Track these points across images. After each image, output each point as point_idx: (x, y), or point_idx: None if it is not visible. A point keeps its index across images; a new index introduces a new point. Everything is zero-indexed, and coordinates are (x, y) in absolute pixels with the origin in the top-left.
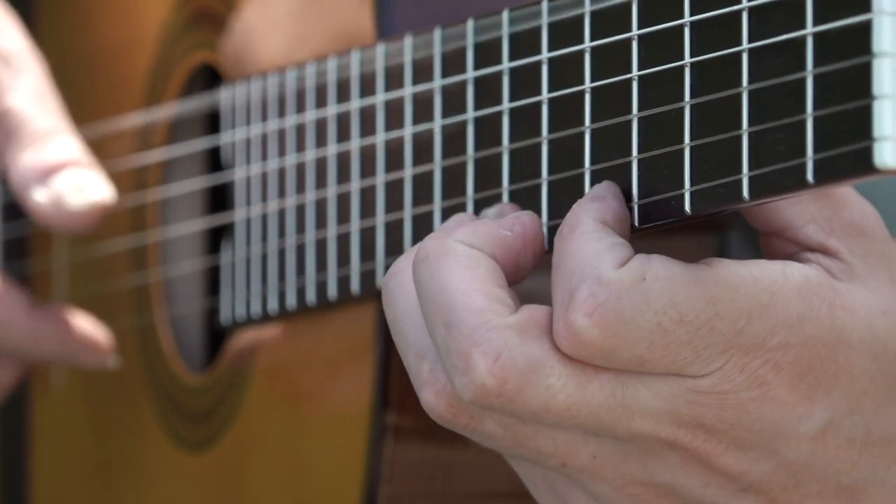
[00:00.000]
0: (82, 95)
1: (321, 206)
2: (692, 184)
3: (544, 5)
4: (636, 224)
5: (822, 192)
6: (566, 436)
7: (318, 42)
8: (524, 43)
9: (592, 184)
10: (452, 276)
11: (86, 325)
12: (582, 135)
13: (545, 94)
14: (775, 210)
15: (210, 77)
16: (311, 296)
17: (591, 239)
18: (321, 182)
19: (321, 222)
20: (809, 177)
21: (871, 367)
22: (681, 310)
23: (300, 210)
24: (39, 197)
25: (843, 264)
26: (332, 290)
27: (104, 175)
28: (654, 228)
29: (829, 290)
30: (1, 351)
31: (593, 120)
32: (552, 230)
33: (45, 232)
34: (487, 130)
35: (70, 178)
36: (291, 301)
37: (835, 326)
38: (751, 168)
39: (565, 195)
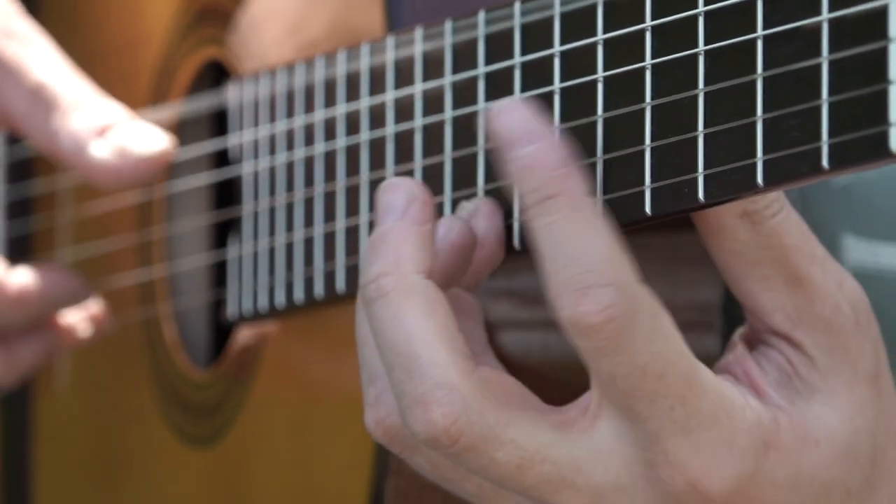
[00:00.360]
0: None
1: (329, 198)
2: (706, 168)
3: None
4: (648, 212)
5: (797, 281)
6: (493, 488)
7: (326, 33)
8: (536, 35)
9: (605, 173)
10: (415, 325)
11: (70, 280)
12: (594, 124)
13: (557, 84)
14: (749, 292)
15: (217, 73)
16: (318, 288)
17: (612, 237)
18: (330, 175)
19: (329, 215)
20: (825, 162)
21: (797, 502)
22: (666, 368)
23: (308, 203)
24: (102, 152)
25: (806, 357)
26: (341, 283)
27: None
28: (666, 217)
29: (771, 433)
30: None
31: (606, 110)
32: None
33: (48, 228)
34: None
35: (126, 130)
36: (299, 294)
37: (764, 467)
38: (765, 153)
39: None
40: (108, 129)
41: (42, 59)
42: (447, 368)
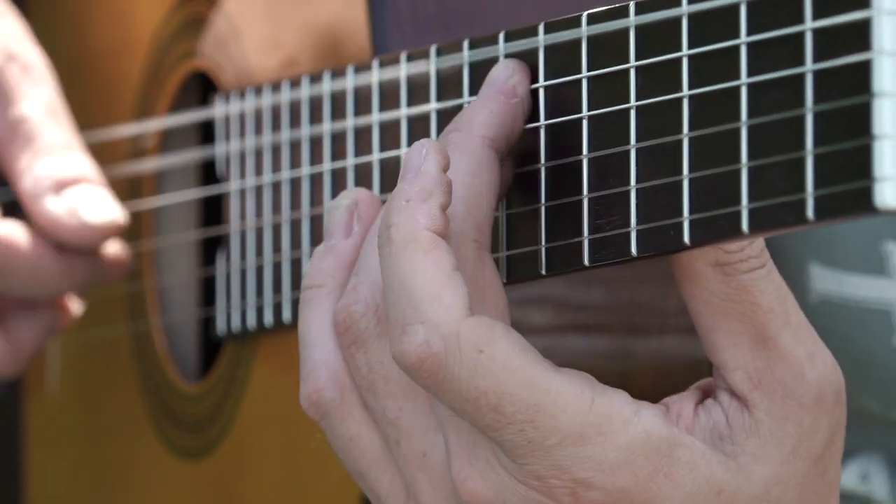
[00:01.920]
0: (74, 100)
1: (317, 219)
2: (691, 213)
3: (541, 30)
4: (634, 252)
5: (763, 342)
6: (416, 417)
7: (307, 44)
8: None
9: (590, 211)
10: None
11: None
12: (580, 162)
13: (543, 121)
14: (715, 345)
15: (203, 83)
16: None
17: (429, 263)
18: (317, 197)
19: (317, 236)
20: (810, 213)
21: None
22: (500, 400)
23: (295, 223)
24: (55, 207)
25: (753, 421)
26: None
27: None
28: (651, 258)
29: (664, 456)
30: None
31: (590, 146)
32: (549, 252)
33: None
34: None
35: (85, 193)
36: (287, 315)
37: (649, 489)
38: (751, 201)
39: (564, 219)
40: (69, 186)
41: (36, 92)
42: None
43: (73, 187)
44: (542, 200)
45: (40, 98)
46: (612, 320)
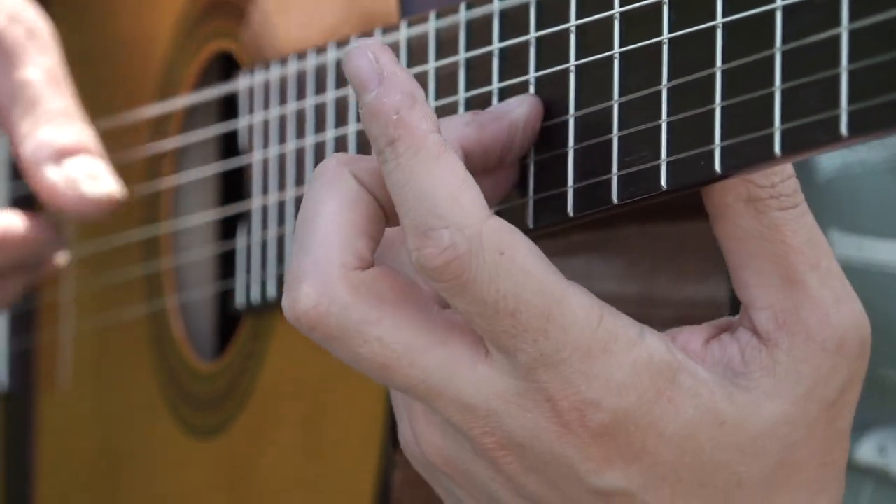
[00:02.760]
0: (97, 87)
1: None
2: (722, 140)
3: None
4: (664, 186)
5: (791, 283)
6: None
7: (340, 23)
8: (551, 10)
9: (620, 150)
10: (326, 207)
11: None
12: (611, 100)
13: (573, 62)
14: (745, 283)
15: (226, 66)
16: None
17: (443, 168)
18: None
19: None
20: (843, 129)
21: (676, 461)
22: (518, 305)
23: None
24: (54, 176)
25: (770, 359)
26: None
27: (114, 168)
28: (682, 191)
29: (666, 381)
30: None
31: (622, 84)
32: (578, 192)
33: (52, 223)
34: None
35: (84, 165)
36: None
37: (652, 412)
38: (783, 122)
39: (593, 162)
40: (69, 155)
41: (40, 58)
42: (329, 255)
43: (74, 157)
44: (571, 144)
45: (44, 63)
46: (626, 311)
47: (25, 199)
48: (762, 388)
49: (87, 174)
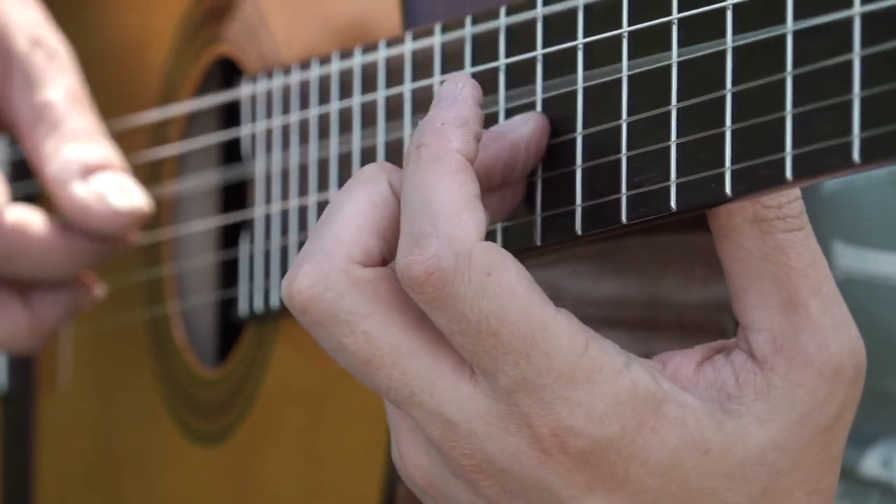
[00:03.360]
0: (97, 91)
1: None
2: (733, 163)
3: None
4: (674, 207)
5: (793, 306)
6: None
7: (338, 30)
8: (558, 27)
9: (629, 170)
10: (351, 203)
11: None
12: (619, 120)
13: (581, 82)
14: (746, 304)
15: (227, 71)
16: None
17: (454, 183)
18: (345, 173)
19: None
20: (856, 156)
21: (660, 489)
22: (500, 327)
23: (321, 206)
24: (82, 192)
25: (765, 383)
26: None
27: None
28: (690, 212)
29: (650, 411)
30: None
31: (631, 103)
32: (587, 211)
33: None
34: None
35: (111, 180)
36: None
37: (634, 441)
38: (794, 147)
39: (601, 181)
40: (95, 172)
41: (61, 78)
42: (338, 245)
43: (100, 173)
44: (579, 163)
45: (65, 84)
46: (632, 315)
47: (26, 200)
48: (754, 413)
49: (115, 188)
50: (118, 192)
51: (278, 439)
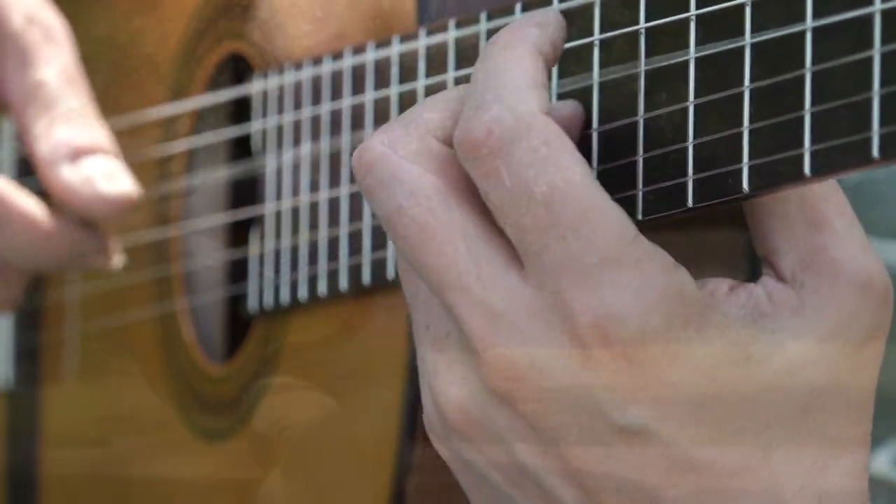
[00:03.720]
0: (107, 86)
1: (356, 196)
2: (751, 159)
3: None
4: (690, 203)
5: (818, 224)
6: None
7: (352, 26)
8: (574, 24)
9: (645, 166)
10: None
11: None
12: (636, 119)
13: (596, 77)
14: (770, 230)
15: (239, 67)
16: (343, 281)
17: (522, 64)
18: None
19: (356, 213)
20: (875, 152)
21: (702, 396)
22: (553, 195)
23: (332, 203)
24: (70, 175)
25: (798, 299)
26: (366, 275)
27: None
28: (707, 206)
29: (696, 314)
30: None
31: (647, 100)
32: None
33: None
34: None
35: (100, 164)
36: (322, 288)
37: (679, 339)
38: (813, 143)
39: (617, 178)
40: (85, 155)
41: (56, 58)
42: (418, 118)
43: (90, 157)
44: (595, 159)
45: (59, 64)
46: None
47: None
48: (789, 329)
49: (103, 173)
50: (106, 178)
51: (286, 436)
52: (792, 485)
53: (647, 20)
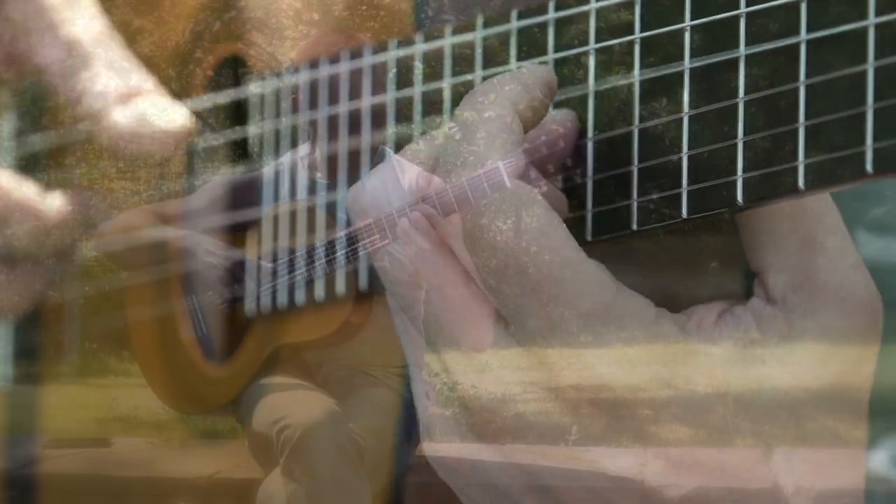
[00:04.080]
0: None
1: None
2: (745, 171)
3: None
4: (684, 214)
5: (810, 245)
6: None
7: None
8: (569, 31)
9: (640, 176)
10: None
11: None
12: (631, 133)
13: (592, 86)
14: (763, 247)
15: (237, 67)
16: (340, 285)
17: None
18: (353, 174)
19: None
20: (868, 166)
21: (692, 436)
22: (529, 264)
23: (329, 206)
24: (126, 117)
25: (786, 325)
26: (363, 282)
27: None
28: (702, 218)
29: (679, 363)
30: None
31: (643, 109)
32: (598, 217)
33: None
34: None
35: (151, 102)
36: (320, 293)
37: (663, 391)
38: (807, 157)
39: (612, 188)
40: (134, 96)
41: (85, 16)
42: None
43: (140, 98)
44: (590, 168)
45: (90, 21)
46: None
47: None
48: (777, 356)
49: (158, 110)
50: (160, 114)
51: (286, 436)
52: (791, 485)
53: (643, 30)
